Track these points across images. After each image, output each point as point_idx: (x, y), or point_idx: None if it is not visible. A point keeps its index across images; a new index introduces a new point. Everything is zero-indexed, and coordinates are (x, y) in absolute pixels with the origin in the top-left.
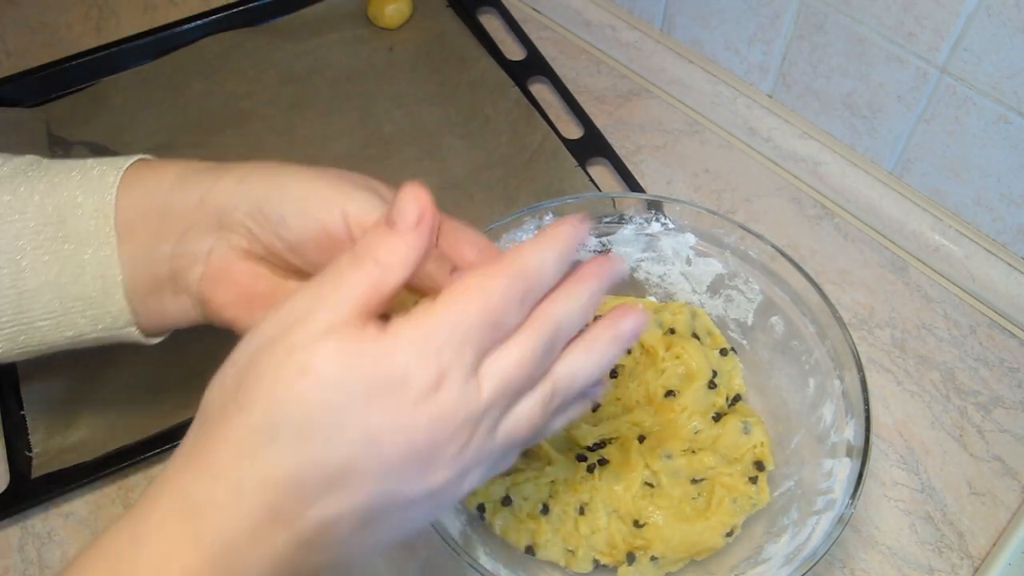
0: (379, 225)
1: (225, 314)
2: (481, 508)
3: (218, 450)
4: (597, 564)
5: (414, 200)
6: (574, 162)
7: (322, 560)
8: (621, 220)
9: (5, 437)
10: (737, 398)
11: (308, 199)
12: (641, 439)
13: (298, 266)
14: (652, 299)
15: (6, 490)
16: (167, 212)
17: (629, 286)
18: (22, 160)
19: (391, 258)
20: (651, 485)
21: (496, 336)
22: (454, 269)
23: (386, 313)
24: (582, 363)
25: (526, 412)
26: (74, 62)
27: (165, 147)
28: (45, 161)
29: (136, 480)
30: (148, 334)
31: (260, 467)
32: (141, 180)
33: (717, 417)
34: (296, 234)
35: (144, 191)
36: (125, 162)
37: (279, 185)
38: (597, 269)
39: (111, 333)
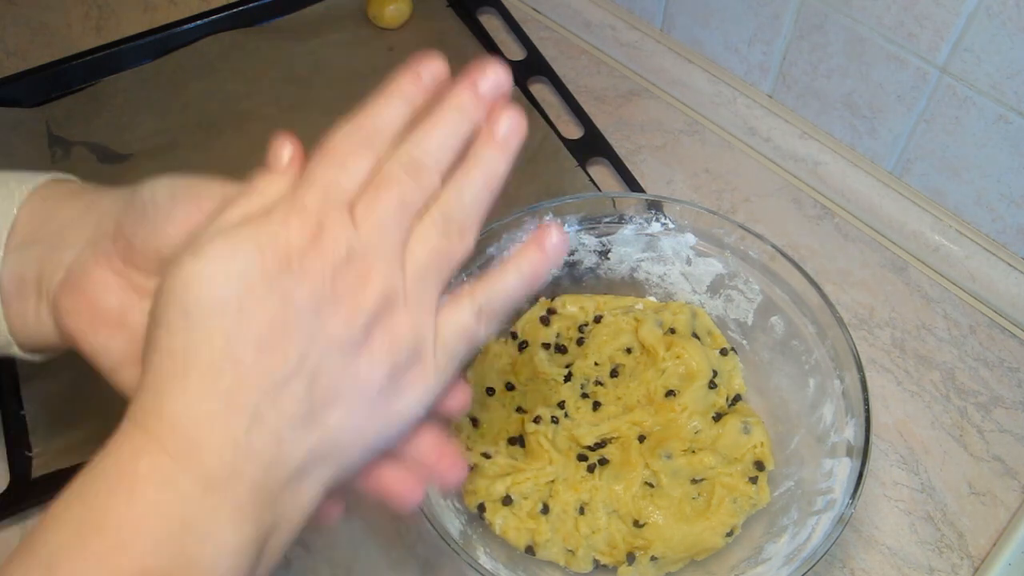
0: (258, 171)
1: (67, 321)
2: (481, 508)
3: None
4: (597, 564)
5: (285, 146)
6: (574, 162)
7: (296, 490)
8: (621, 220)
9: (5, 437)
10: (737, 398)
11: (178, 185)
12: (641, 439)
13: (152, 272)
14: (652, 299)
15: (6, 490)
16: (51, 220)
17: (629, 286)
18: None
19: (270, 189)
20: (651, 485)
21: (350, 179)
22: None
23: None
24: (466, 185)
25: (424, 239)
26: (74, 62)
27: (165, 147)
28: None
29: None
30: (24, 349)
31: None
32: (48, 200)
33: (717, 417)
34: (163, 216)
35: (48, 210)
36: (33, 181)
37: (159, 182)
38: (454, 93)
39: None
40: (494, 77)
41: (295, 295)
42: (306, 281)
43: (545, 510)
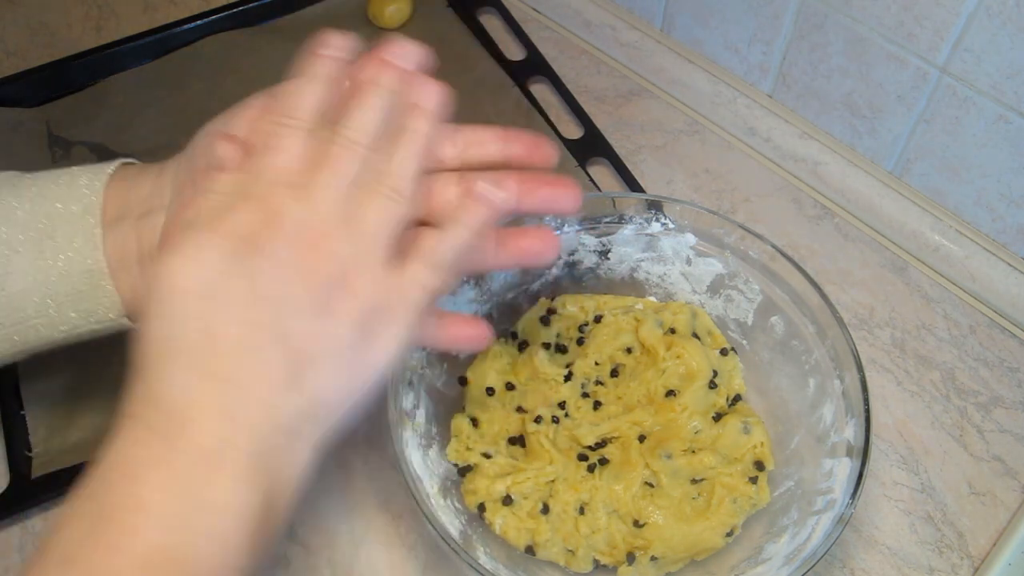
0: None
1: None
2: (481, 508)
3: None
4: (597, 564)
5: (226, 146)
6: (574, 162)
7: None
8: (621, 220)
9: (5, 437)
10: (737, 398)
11: (218, 122)
12: (641, 439)
13: None
14: (652, 299)
15: (6, 490)
16: (132, 196)
17: (629, 286)
18: (3, 175)
19: (220, 186)
20: (651, 485)
21: (285, 159)
22: None
23: None
24: (398, 151)
25: (369, 204)
26: (74, 62)
27: (165, 147)
28: (28, 175)
29: None
30: (134, 320)
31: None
32: (125, 180)
33: (717, 417)
34: None
35: (127, 189)
36: (110, 167)
37: (204, 129)
38: (371, 69)
39: (104, 325)
40: (402, 51)
41: (258, 272)
42: (266, 258)
43: (545, 510)
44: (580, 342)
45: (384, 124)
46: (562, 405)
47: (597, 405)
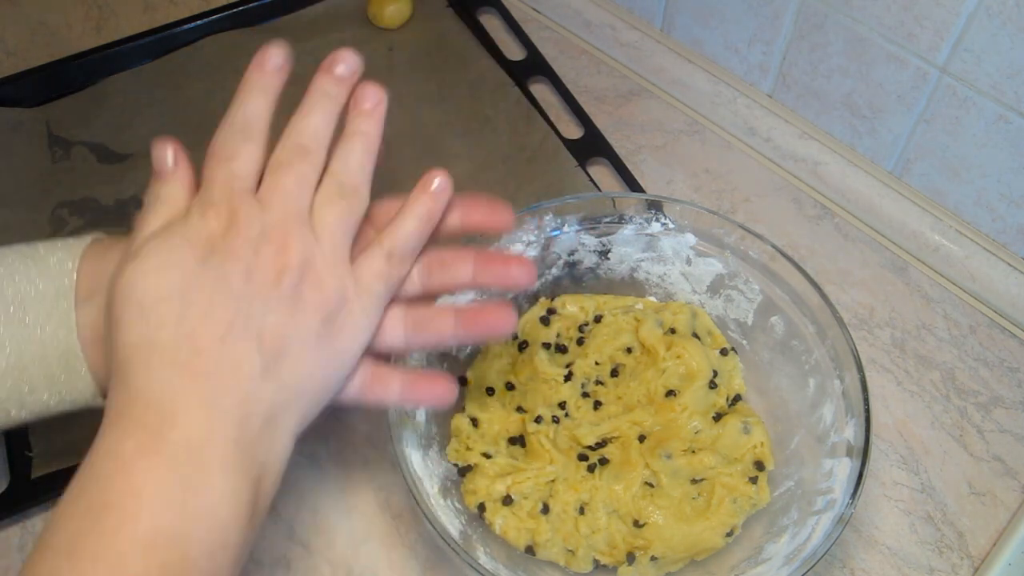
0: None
1: None
2: (481, 508)
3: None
4: (597, 564)
5: (166, 149)
6: (574, 162)
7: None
8: (621, 220)
9: (5, 437)
10: (737, 398)
11: None
12: (641, 439)
13: None
14: (652, 299)
15: (6, 490)
16: (104, 271)
17: (629, 286)
18: None
19: (171, 194)
20: (651, 485)
21: (243, 167)
22: None
23: None
24: (349, 152)
25: (326, 204)
26: (74, 62)
27: None
28: None
29: None
30: (105, 396)
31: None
32: (96, 255)
33: (717, 417)
34: None
35: (98, 262)
36: (82, 244)
37: None
38: (316, 78)
39: (78, 407)
40: (345, 63)
41: (227, 272)
42: (233, 259)
43: (545, 510)
44: (580, 342)
45: (331, 128)
46: (562, 405)
47: (597, 405)
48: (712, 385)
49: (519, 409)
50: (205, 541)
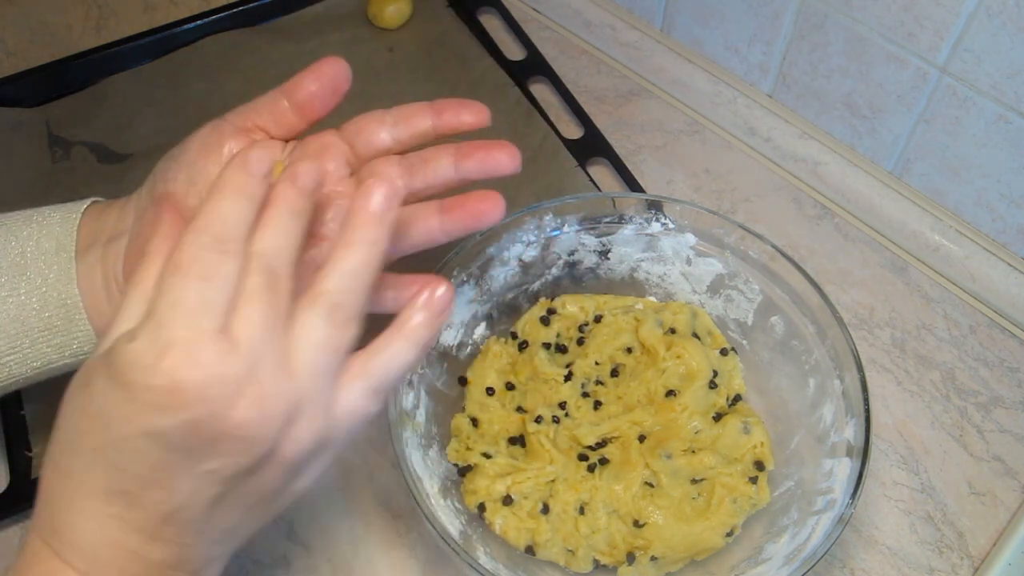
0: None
1: None
2: (481, 508)
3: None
4: (597, 564)
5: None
6: (574, 162)
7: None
8: (621, 220)
9: (5, 437)
10: (737, 398)
11: (204, 140)
12: (641, 439)
13: None
14: (652, 299)
15: (6, 490)
16: (102, 226)
17: (629, 286)
18: None
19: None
20: (651, 485)
21: (217, 293)
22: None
23: None
24: (346, 268)
25: (309, 336)
26: (74, 62)
27: (165, 147)
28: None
29: None
30: None
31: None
32: (94, 214)
33: (717, 417)
34: (185, 164)
35: (96, 221)
36: (81, 205)
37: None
38: (282, 191)
39: (78, 359)
40: (309, 174)
41: (183, 439)
42: (197, 426)
43: (545, 510)
44: (580, 342)
45: (298, 248)
46: (562, 405)
47: (597, 405)
48: (712, 385)
49: (519, 409)
50: None
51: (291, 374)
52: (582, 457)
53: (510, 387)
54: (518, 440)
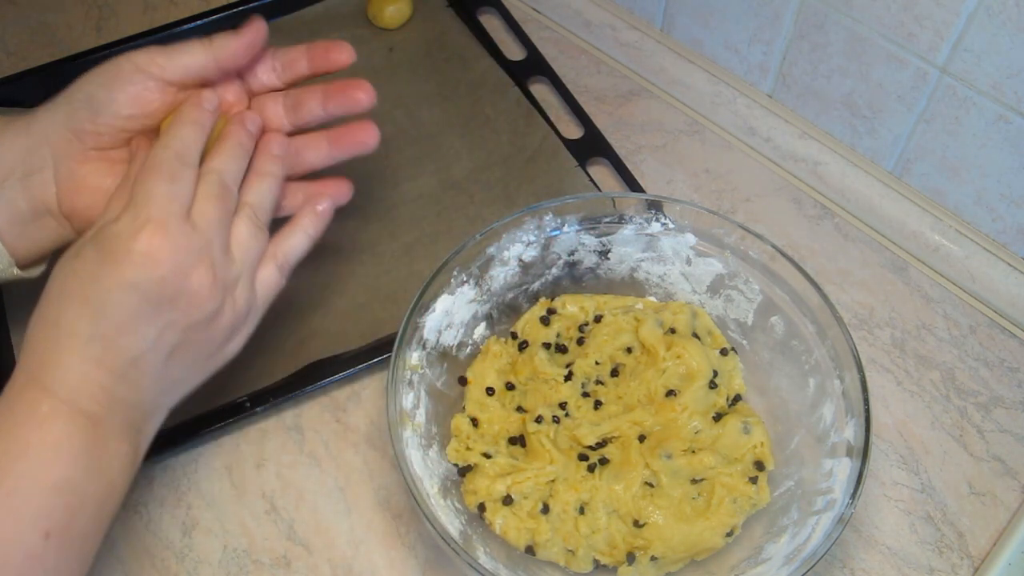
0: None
1: (82, 213)
2: (481, 508)
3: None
4: (597, 564)
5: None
6: (574, 162)
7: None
8: (621, 220)
9: None
10: (737, 398)
11: (99, 74)
12: (641, 439)
13: (118, 142)
14: (652, 299)
15: None
16: (18, 158)
17: (629, 286)
18: None
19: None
20: (651, 485)
21: (182, 190)
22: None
23: None
24: (263, 189)
25: (244, 230)
26: (74, 62)
27: None
28: None
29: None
30: (27, 267)
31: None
32: None
33: (717, 417)
34: (107, 98)
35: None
36: None
37: (93, 78)
38: (235, 130)
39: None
40: (255, 120)
41: (155, 291)
42: (165, 282)
43: (545, 510)
44: (580, 342)
45: (243, 173)
46: (562, 405)
47: (597, 405)
48: (712, 385)
49: (519, 409)
50: (99, 494)
51: (230, 256)
52: (582, 457)
53: (510, 387)
54: (518, 440)
